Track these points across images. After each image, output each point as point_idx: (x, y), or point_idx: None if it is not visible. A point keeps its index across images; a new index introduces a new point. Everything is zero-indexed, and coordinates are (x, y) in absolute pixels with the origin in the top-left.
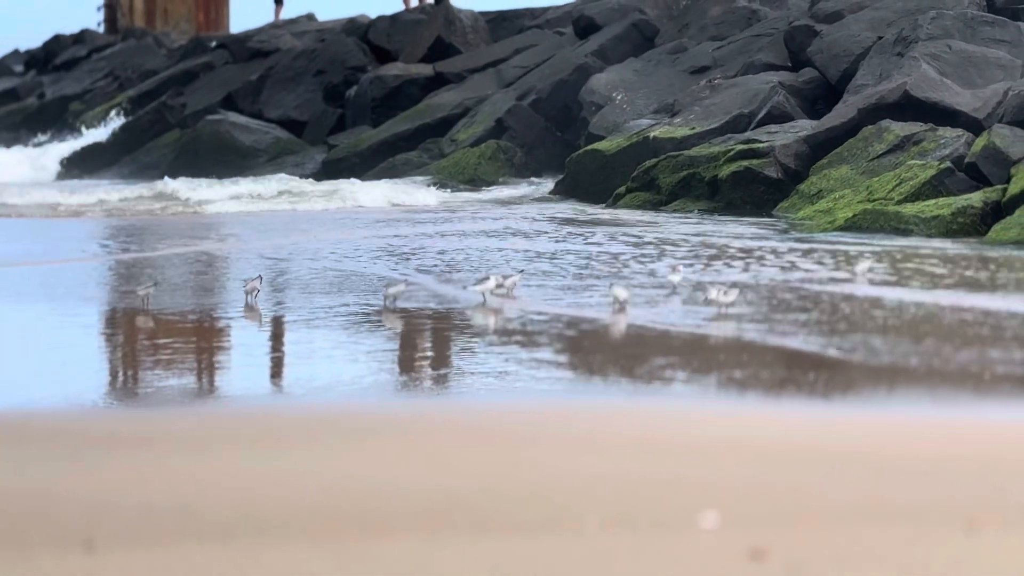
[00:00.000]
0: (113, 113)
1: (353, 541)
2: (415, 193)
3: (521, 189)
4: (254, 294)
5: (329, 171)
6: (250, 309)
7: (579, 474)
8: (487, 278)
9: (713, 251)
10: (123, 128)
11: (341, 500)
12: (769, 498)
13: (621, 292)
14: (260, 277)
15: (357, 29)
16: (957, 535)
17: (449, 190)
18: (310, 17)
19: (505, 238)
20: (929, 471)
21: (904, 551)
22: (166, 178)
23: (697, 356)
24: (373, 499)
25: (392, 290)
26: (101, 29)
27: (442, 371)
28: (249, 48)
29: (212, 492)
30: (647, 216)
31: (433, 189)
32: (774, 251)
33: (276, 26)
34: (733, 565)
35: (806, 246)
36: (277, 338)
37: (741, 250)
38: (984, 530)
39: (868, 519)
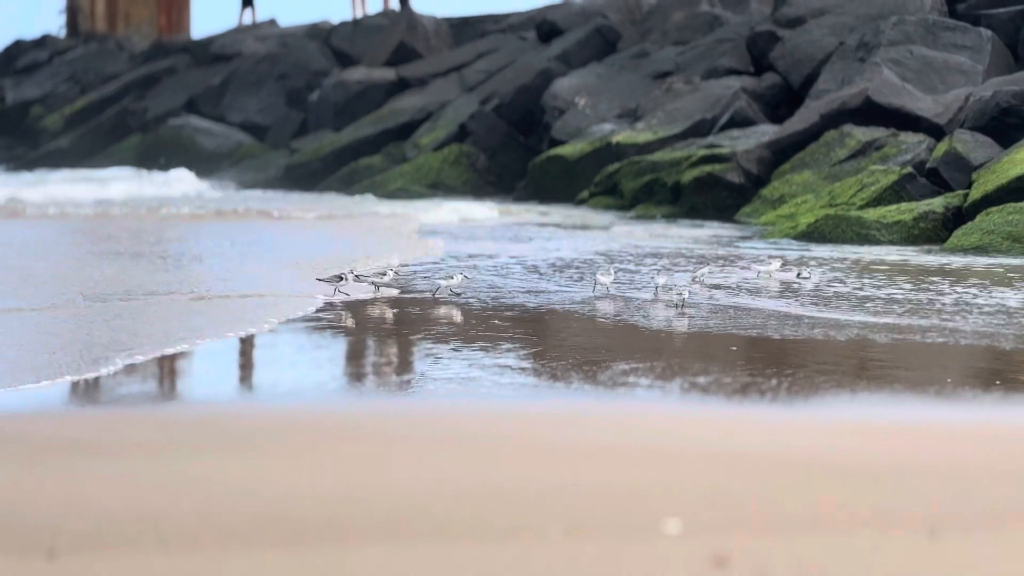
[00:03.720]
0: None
1: (317, 548)
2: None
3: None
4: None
5: (292, 176)
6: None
7: (543, 481)
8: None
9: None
10: (85, 132)
11: (305, 507)
12: (732, 504)
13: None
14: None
15: (320, 34)
16: (920, 541)
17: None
18: (272, 23)
19: None
20: (892, 476)
21: (867, 557)
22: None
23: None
24: (337, 506)
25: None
26: (62, 33)
27: (407, 375)
28: (212, 52)
29: (176, 498)
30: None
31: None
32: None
33: (239, 30)
34: (696, 572)
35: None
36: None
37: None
38: (947, 536)
39: (831, 525)
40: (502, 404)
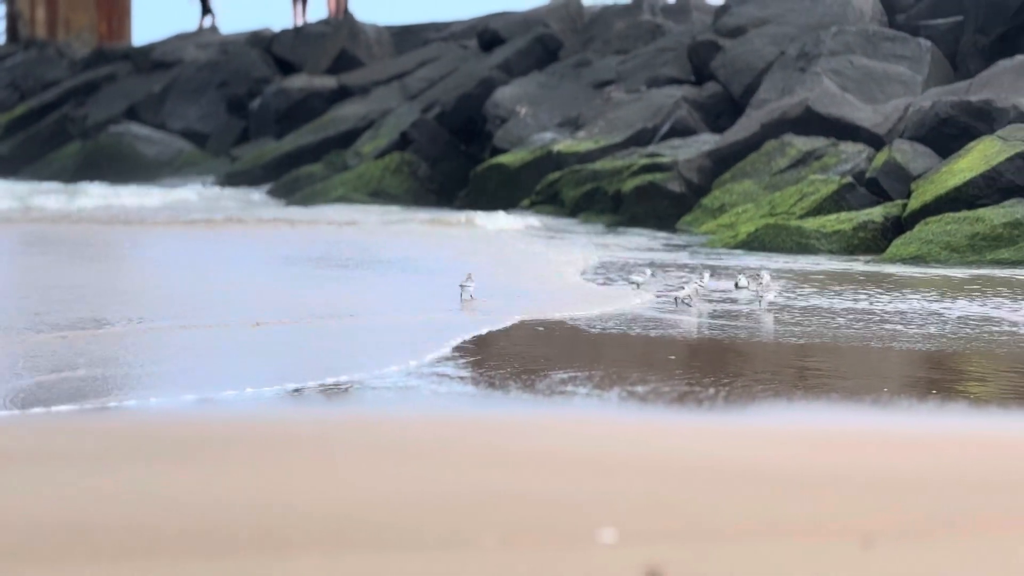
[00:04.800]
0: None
1: (251, 558)
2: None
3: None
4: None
5: (232, 183)
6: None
7: (479, 489)
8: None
9: None
10: (24, 139)
11: (239, 516)
12: (668, 513)
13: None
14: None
15: (261, 41)
16: (853, 549)
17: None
18: (214, 30)
19: None
20: (827, 485)
21: (801, 566)
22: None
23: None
24: (272, 515)
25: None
26: (2, 40)
27: (349, 383)
28: (152, 59)
29: (106, 509)
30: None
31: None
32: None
33: (181, 38)
34: None
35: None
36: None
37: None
38: (880, 544)
39: (765, 534)
40: (441, 412)
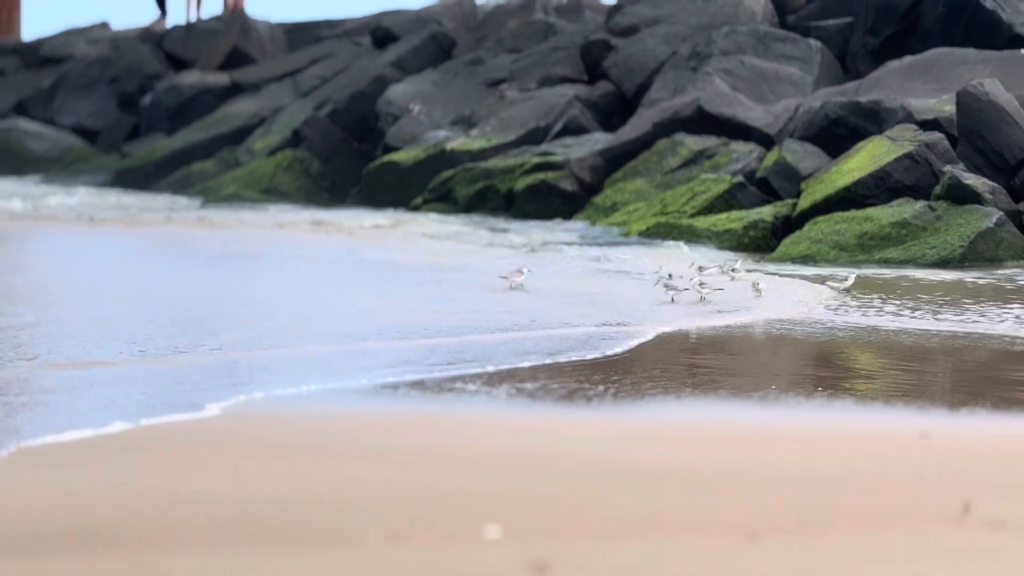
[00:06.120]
0: None
1: (134, 555)
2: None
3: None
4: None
5: (123, 180)
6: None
7: (364, 485)
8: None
9: None
10: None
11: (123, 512)
12: (554, 510)
13: None
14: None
15: (152, 37)
16: (740, 545)
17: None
18: (104, 25)
19: None
20: (713, 482)
21: (687, 562)
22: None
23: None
24: (155, 511)
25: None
26: None
27: (252, 378)
28: (42, 55)
29: None
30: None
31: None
32: None
33: (71, 33)
34: None
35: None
36: None
37: None
38: (765, 540)
39: (652, 530)
40: (329, 409)
